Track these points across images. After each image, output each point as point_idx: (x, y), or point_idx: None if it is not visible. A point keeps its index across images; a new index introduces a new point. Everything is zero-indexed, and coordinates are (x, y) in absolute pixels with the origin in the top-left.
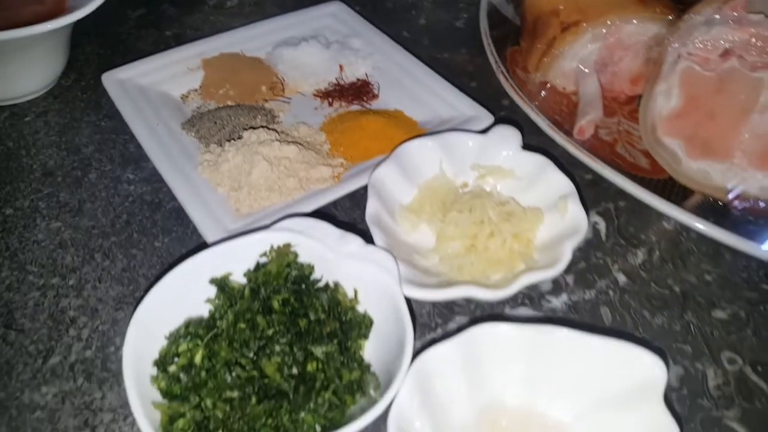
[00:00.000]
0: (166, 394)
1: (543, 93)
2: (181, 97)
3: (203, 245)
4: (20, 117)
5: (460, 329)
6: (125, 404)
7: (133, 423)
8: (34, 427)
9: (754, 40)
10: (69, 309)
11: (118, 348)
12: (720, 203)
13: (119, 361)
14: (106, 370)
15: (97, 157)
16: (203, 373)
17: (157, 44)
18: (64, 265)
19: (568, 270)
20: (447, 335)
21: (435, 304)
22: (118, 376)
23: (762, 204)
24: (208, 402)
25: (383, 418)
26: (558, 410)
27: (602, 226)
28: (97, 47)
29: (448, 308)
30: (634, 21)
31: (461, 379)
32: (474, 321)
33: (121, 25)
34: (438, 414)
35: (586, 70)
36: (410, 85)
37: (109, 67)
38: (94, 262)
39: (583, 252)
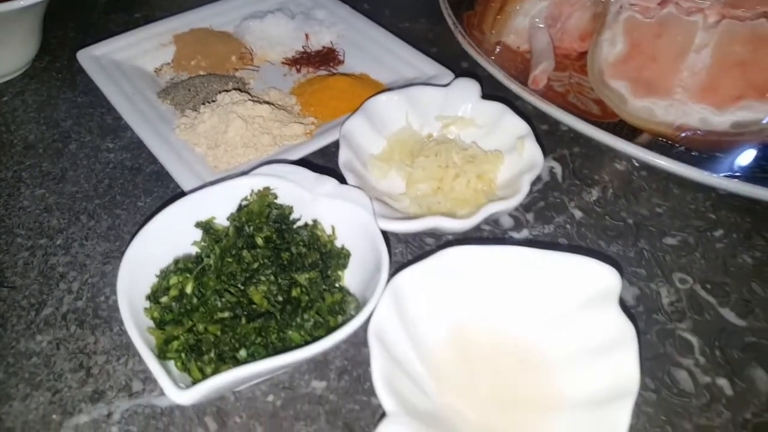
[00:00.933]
0: (160, 322)
1: (498, 49)
2: (155, 71)
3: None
4: None
5: None
6: (118, 346)
7: (127, 362)
8: (31, 372)
9: None
10: (58, 266)
11: (109, 297)
12: (664, 140)
13: (110, 308)
14: (98, 317)
15: (76, 130)
16: (194, 300)
17: (128, 26)
18: (50, 227)
19: (528, 209)
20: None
21: (407, 244)
22: (110, 322)
23: (700, 133)
24: (200, 326)
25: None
26: (524, 327)
27: (558, 170)
28: (69, 31)
29: (419, 247)
30: None
31: (432, 300)
32: None
33: (91, 10)
34: (412, 331)
35: (540, 25)
36: (374, 50)
37: (82, 48)
38: (79, 223)
39: (541, 193)
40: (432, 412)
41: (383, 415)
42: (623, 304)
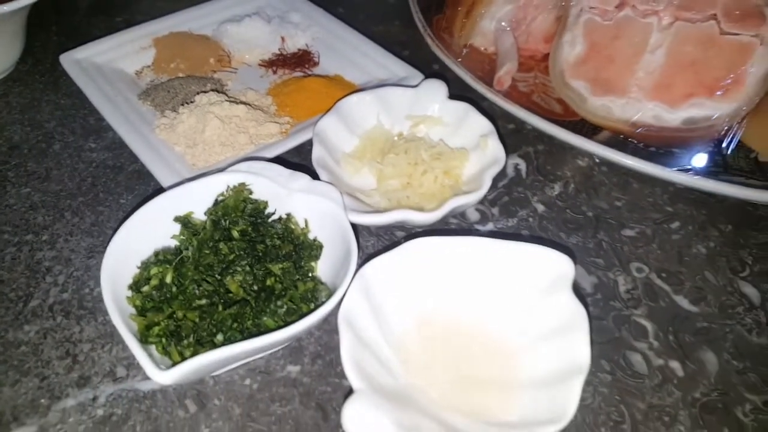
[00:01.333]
0: (141, 310)
1: (465, 51)
2: (136, 73)
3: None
4: None
5: None
6: (102, 335)
7: (111, 349)
8: (20, 360)
9: None
10: (44, 260)
11: (93, 290)
12: (622, 136)
13: (95, 300)
14: (83, 308)
15: (60, 131)
16: (174, 289)
17: (109, 30)
18: (36, 224)
19: (493, 203)
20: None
21: (379, 238)
22: (94, 313)
23: (654, 129)
24: (179, 312)
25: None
26: (485, 313)
27: (523, 166)
28: (52, 35)
29: (389, 239)
30: None
31: (399, 288)
32: None
33: (72, 14)
34: (380, 317)
35: (505, 27)
36: (348, 52)
37: (65, 52)
38: (64, 220)
39: (506, 188)
40: (397, 390)
41: (351, 391)
42: (580, 291)
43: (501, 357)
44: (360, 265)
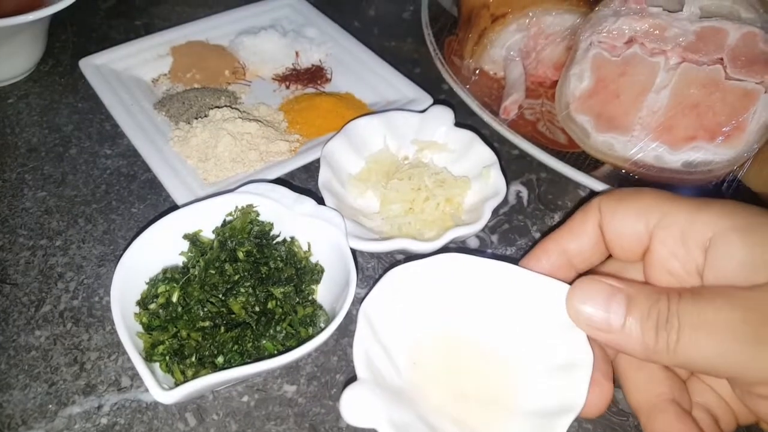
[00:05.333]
0: (148, 327)
1: (475, 78)
2: (152, 81)
3: (175, 210)
4: (3, 99)
5: None
6: (110, 344)
7: (117, 359)
8: (30, 365)
9: (652, 29)
10: (57, 266)
11: (102, 298)
12: (623, 171)
13: (104, 308)
14: (92, 316)
15: (77, 135)
16: (179, 309)
17: (128, 33)
18: (50, 229)
19: (493, 230)
20: None
21: (379, 260)
22: (103, 321)
23: (655, 169)
24: (183, 332)
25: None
26: (499, 336)
27: (525, 194)
28: (72, 35)
29: (390, 263)
30: (553, 13)
31: (424, 298)
32: None
33: (93, 16)
34: (400, 321)
35: (515, 57)
36: (360, 70)
37: (84, 54)
38: (77, 226)
39: (506, 216)
40: (400, 389)
41: (354, 378)
42: None
43: (505, 382)
44: (361, 295)
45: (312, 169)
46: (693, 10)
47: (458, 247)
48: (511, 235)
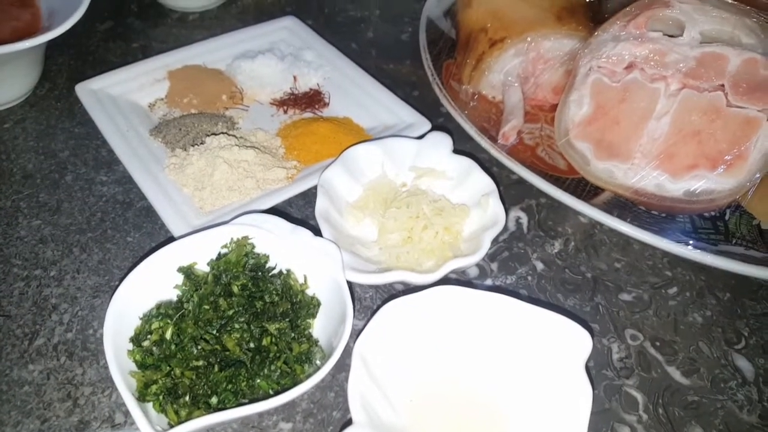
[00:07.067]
0: (141, 365)
1: (473, 102)
2: (149, 106)
3: (171, 239)
4: (0, 124)
5: None
6: (103, 379)
7: (111, 394)
8: (22, 400)
9: (652, 54)
10: (51, 297)
11: (96, 330)
12: (624, 199)
13: (98, 341)
14: (86, 349)
15: (72, 161)
16: (173, 347)
17: (125, 56)
18: (45, 258)
19: (493, 258)
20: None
21: (377, 290)
22: (97, 355)
23: (655, 198)
24: (177, 371)
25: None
26: (492, 373)
27: (524, 220)
28: (69, 58)
29: (387, 292)
30: (551, 38)
31: (419, 332)
32: None
33: (90, 38)
34: (395, 358)
35: (513, 83)
36: (358, 94)
37: (81, 78)
38: (72, 256)
39: (506, 243)
40: (396, 428)
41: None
42: None
43: (498, 421)
44: (358, 326)
45: (309, 195)
46: (693, 35)
47: (457, 276)
48: (511, 263)
